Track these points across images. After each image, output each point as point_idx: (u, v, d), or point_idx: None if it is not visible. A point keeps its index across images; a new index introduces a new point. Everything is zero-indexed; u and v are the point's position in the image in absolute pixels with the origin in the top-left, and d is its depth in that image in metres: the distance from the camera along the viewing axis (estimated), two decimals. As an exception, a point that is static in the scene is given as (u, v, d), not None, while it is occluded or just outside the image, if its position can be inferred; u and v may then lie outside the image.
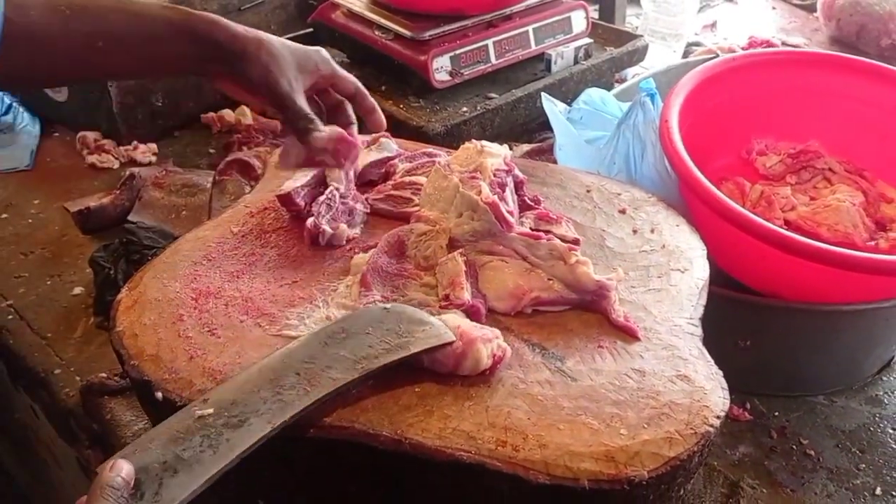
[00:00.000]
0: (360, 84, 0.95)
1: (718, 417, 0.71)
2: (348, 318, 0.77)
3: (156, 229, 1.35)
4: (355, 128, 0.97)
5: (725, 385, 0.74)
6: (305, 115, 0.88)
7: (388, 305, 0.78)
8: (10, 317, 1.27)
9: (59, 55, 0.80)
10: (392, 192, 0.99)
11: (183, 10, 0.84)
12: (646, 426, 0.69)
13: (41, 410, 1.24)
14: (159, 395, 0.72)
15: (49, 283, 1.33)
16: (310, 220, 0.90)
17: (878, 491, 1.00)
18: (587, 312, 0.83)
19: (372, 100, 0.96)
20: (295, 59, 0.88)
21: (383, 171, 1.04)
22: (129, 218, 1.41)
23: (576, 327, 0.81)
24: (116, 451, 1.04)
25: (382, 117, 0.97)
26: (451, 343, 0.73)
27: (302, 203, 0.95)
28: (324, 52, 0.92)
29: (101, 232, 1.42)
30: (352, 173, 1.00)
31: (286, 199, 0.95)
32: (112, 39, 0.80)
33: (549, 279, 0.84)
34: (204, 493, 0.60)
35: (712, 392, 0.73)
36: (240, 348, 0.77)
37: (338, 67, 0.93)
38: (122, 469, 0.59)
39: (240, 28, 0.86)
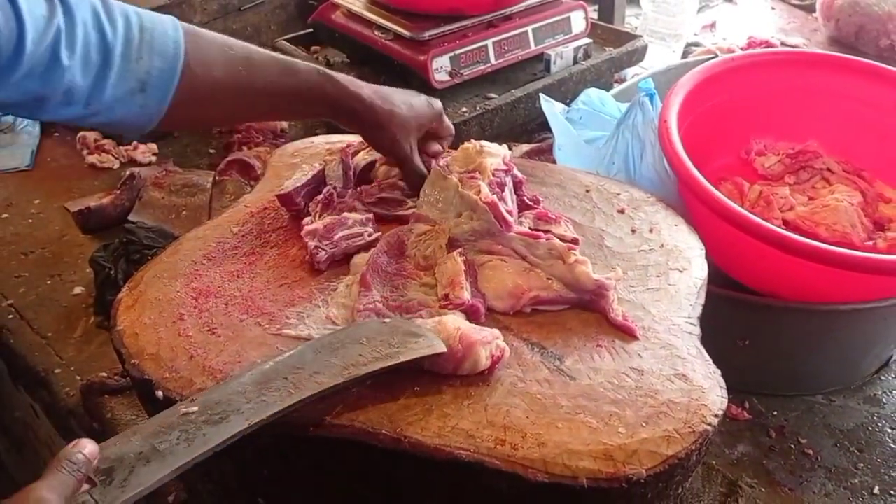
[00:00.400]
0: (452, 130, 1.05)
1: (716, 416, 0.71)
2: (345, 330, 0.77)
3: (156, 229, 1.35)
4: None
5: (723, 384, 0.75)
6: (421, 174, 0.97)
7: (387, 320, 0.78)
8: (10, 316, 1.27)
9: (230, 107, 0.90)
10: (381, 195, 0.99)
11: (322, 75, 0.92)
12: (644, 425, 0.69)
13: (41, 410, 1.24)
14: (160, 393, 0.73)
15: (49, 282, 1.34)
16: (311, 244, 0.90)
17: (877, 490, 1.00)
18: (586, 312, 0.83)
19: (450, 126, 1.05)
20: (416, 123, 0.98)
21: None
22: (130, 218, 1.41)
23: (575, 326, 0.81)
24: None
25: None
26: (440, 354, 0.73)
27: (301, 203, 0.95)
28: (437, 103, 1.01)
29: (102, 232, 1.42)
30: (351, 172, 1.00)
31: (286, 199, 0.96)
32: (273, 97, 0.90)
33: (548, 278, 0.84)
34: (204, 490, 0.61)
35: (710, 391, 0.73)
36: (240, 347, 0.77)
37: (444, 117, 1.03)
38: (84, 447, 0.60)
39: (372, 96, 0.94)
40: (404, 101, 0.97)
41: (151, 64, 0.79)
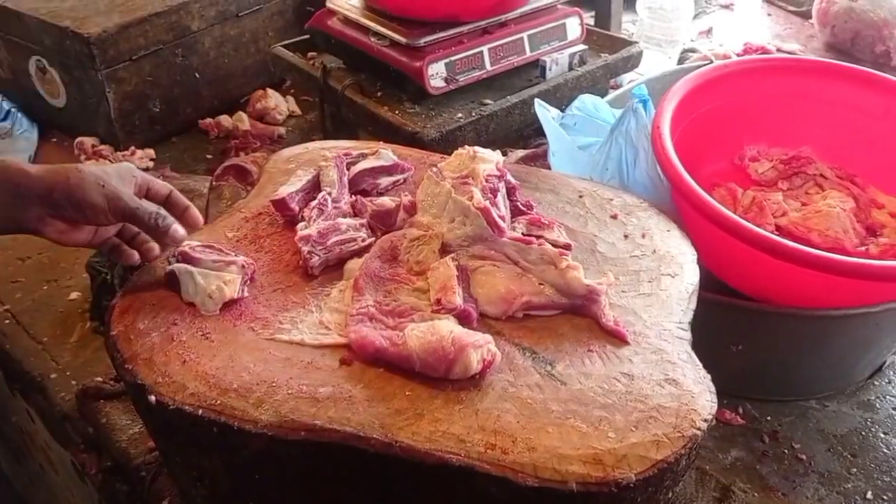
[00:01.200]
0: (172, 188, 0.93)
1: (706, 421, 0.71)
2: None
3: (152, 234, 1.35)
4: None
5: (713, 389, 0.75)
6: (154, 212, 0.86)
7: None
8: (6, 321, 1.28)
9: None
10: (376, 209, 0.97)
11: None
12: (633, 429, 0.70)
13: (37, 414, 1.25)
14: (152, 398, 0.73)
15: (46, 288, 1.34)
16: (305, 249, 0.90)
17: (870, 495, 1.00)
18: (578, 317, 0.84)
19: (184, 199, 0.93)
20: (113, 172, 0.86)
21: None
22: (126, 223, 1.41)
23: (566, 331, 0.82)
24: (112, 456, 1.05)
25: (197, 214, 0.94)
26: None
27: (296, 208, 0.96)
28: (130, 166, 0.90)
29: (99, 237, 1.42)
30: (345, 178, 1.00)
31: (280, 204, 0.96)
32: None
33: (540, 284, 0.84)
34: (198, 495, 0.60)
35: (700, 396, 0.74)
36: (233, 352, 0.78)
37: (146, 175, 0.91)
38: None
39: (34, 167, 0.84)
40: (84, 165, 0.87)
41: None
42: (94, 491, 1.13)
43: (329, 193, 0.97)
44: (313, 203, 0.95)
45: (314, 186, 0.99)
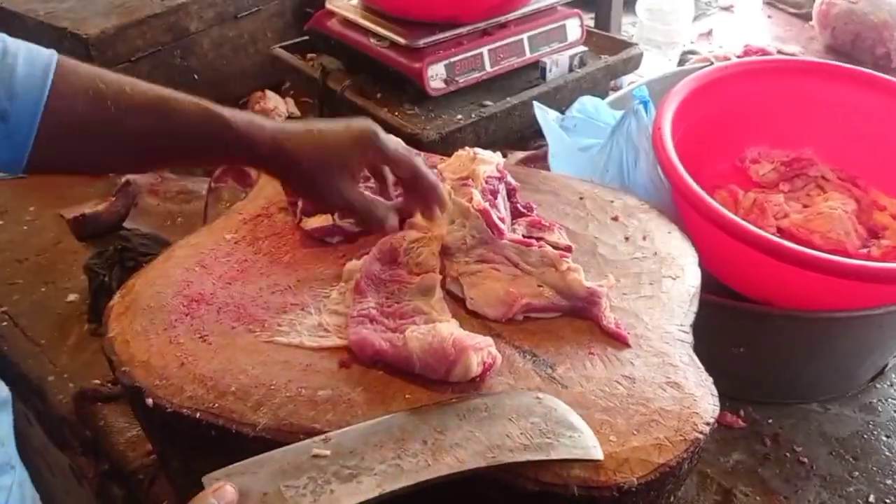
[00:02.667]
0: (419, 165, 0.86)
1: (708, 424, 0.71)
2: (495, 397, 0.72)
3: (151, 236, 1.35)
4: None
5: (715, 392, 0.74)
6: (370, 204, 0.85)
7: (540, 395, 0.72)
8: (4, 323, 1.27)
9: (100, 148, 0.80)
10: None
11: (205, 113, 0.82)
12: (635, 433, 0.69)
13: (34, 417, 1.24)
14: (150, 401, 0.72)
15: (44, 289, 1.33)
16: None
17: (872, 498, 1.00)
18: (578, 319, 0.83)
19: (433, 178, 0.87)
20: (352, 153, 0.83)
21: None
22: (125, 225, 1.41)
23: (567, 334, 0.81)
24: (109, 459, 1.05)
25: (444, 195, 0.88)
26: (596, 461, 0.67)
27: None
28: (373, 127, 0.84)
29: (97, 239, 1.42)
30: None
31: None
32: (149, 139, 0.80)
33: (540, 286, 0.84)
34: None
35: (702, 399, 0.73)
36: (231, 355, 0.77)
37: (390, 149, 0.84)
38: (225, 496, 0.59)
39: (276, 132, 0.83)
40: (327, 131, 0.83)
41: (13, 89, 0.73)
42: (92, 494, 1.13)
43: None
44: None
45: None
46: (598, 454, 0.67)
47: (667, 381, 0.75)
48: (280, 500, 0.60)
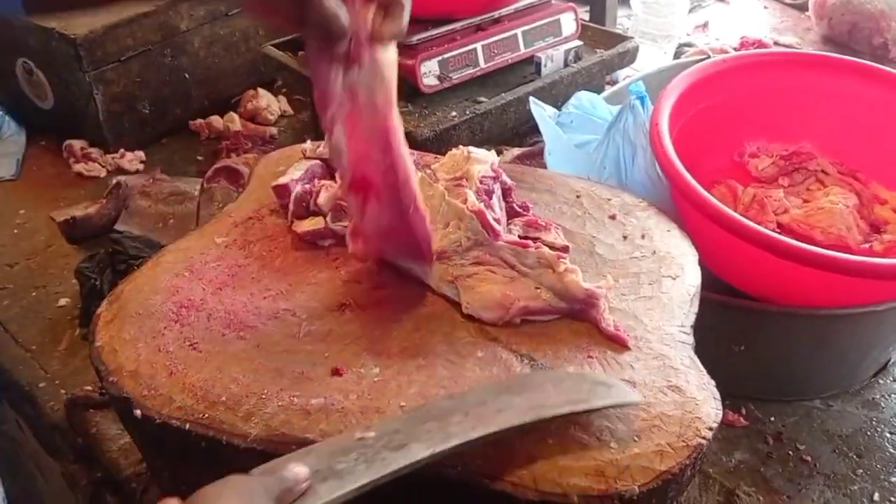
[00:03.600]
0: None
1: (710, 429, 0.69)
2: (527, 375, 0.74)
3: (143, 239, 1.33)
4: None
5: (718, 395, 0.73)
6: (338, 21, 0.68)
7: (571, 369, 0.75)
8: (-6, 329, 1.25)
9: None
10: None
11: None
12: (636, 439, 0.68)
13: (26, 424, 1.22)
14: (138, 412, 0.71)
15: (34, 294, 1.32)
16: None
17: (876, 496, 0.98)
18: (576, 322, 0.81)
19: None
20: None
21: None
22: (116, 227, 1.39)
23: (565, 337, 0.80)
24: (102, 467, 1.03)
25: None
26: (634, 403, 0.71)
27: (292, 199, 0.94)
28: None
29: (88, 241, 1.40)
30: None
31: (282, 190, 0.94)
32: None
33: (537, 287, 0.82)
34: None
35: (704, 403, 0.71)
36: (221, 363, 0.75)
37: None
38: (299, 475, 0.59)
39: None
40: None
41: None
42: (85, 502, 1.11)
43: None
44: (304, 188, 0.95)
45: (314, 175, 0.97)
46: (636, 397, 0.70)
47: (668, 385, 0.73)
48: (333, 472, 0.61)
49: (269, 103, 1.78)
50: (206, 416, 0.70)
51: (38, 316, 1.27)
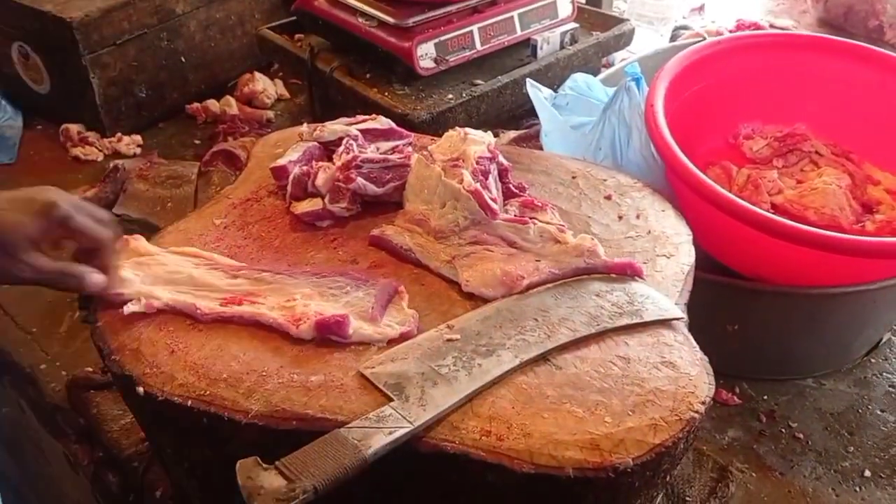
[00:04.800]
0: (105, 238, 0.79)
1: (703, 403, 0.70)
2: (572, 283, 0.82)
3: (141, 222, 1.34)
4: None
5: (711, 371, 0.74)
6: (60, 274, 0.76)
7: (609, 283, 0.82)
8: (-6, 312, 1.26)
9: None
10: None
11: None
12: (630, 413, 0.69)
13: (27, 406, 1.23)
14: (141, 389, 0.72)
15: (34, 277, 1.32)
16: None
17: (867, 473, 1.00)
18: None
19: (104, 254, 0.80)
20: (18, 233, 0.74)
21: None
22: (114, 211, 1.39)
23: (561, 315, 0.81)
24: (104, 447, 1.04)
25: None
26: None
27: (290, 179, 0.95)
28: (52, 198, 0.76)
29: (86, 225, 1.40)
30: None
31: (280, 171, 0.95)
32: None
33: (538, 260, 0.83)
34: (189, 486, 0.60)
35: (697, 378, 0.73)
36: (222, 341, 0.76)
37: (73, 217, 0.76)
38: None
39: None
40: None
41: None
42: (87, 482, 1.12)
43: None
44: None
45: (312, 156, 0.98)
46: (678, 313, 0.79)
47: (662, 361, 0.74)
48: (437, 376, 0.69)
49: (266, 87, 1.78)
50: (208, 392, 0.71)
51: (38, 299, 1.28)
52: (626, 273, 0.84)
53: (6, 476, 1.65)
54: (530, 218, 0.89)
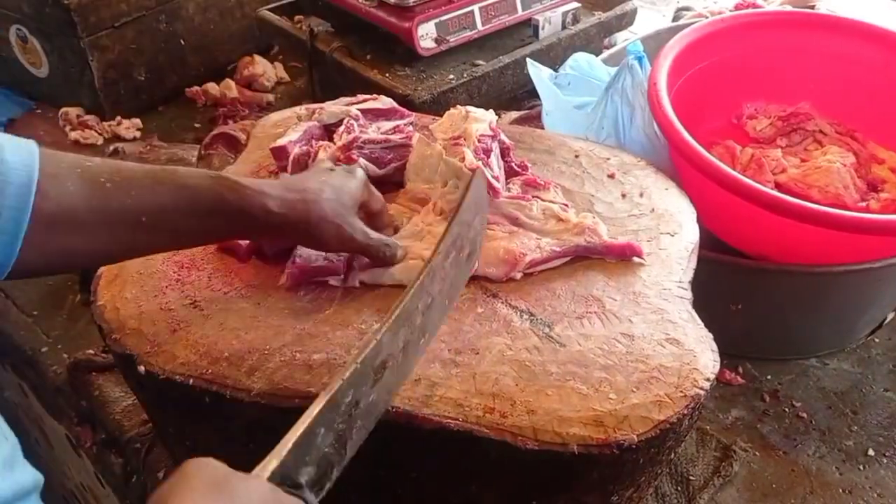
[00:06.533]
0: (384, 203, 0.86)
1: (708, 380, 0.70)
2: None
3: (141, 205, 1.33)
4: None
5: (715, 348, 0.74)
6: (383, 244, 0.81)
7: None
8: (-5, 295, 1.26)
9: (99, 233, 0.68)
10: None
11: (216, 178, 0.72)
12: (635, 390, 0.68)
13: (29, 388, 1.23)
14: (142, 368, 0.71)
15: (34, 260, 1.32)
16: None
17: (871, 452, 1.00)
18: (574, 278, 0.82)
19: (391, 218, 0.88)
20: (350, 202, 0.78)
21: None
22: (114, 194, 1.39)
23: (563, 292, 0.80)
24: (105, 428, 1.04)
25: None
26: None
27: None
28: (359, 171, 0.82)
29: (86, 208, 1.40)
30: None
31: (280, 152, 0.94)
32: (157, 214, 0.69)
33: (539, 238, 0.83)
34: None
35: (702, 354, 0.72)
36: (223, 320, 0.76)
37: (371, 188, 0.83)
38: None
39: (283, 194, 0.74)
40: (322, 184, 0.77)
41: (5, 176, 0.63)
42: (89, 464, 1.12)
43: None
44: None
45: (312, 136, 0.97)
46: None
47: (666, 338, 0.74)
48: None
49: (266, 70, 1.77)
50: (210, 371, 0.70)
51: (38, 282, 1.27)
52: (626, 255, 0.83)
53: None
54: (533, 196, 0.89)
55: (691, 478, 0.95)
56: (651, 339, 0.74)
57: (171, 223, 0.70)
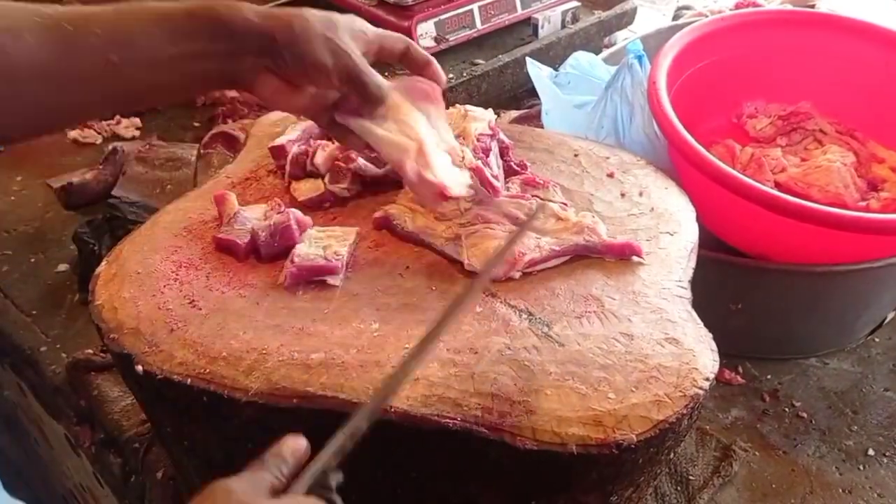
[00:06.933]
0: (408, 39, 0.81)
1: (707, 379, 0.70)
2: None
3: (140, 204, 1.33)
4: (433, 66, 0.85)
5: (715, 347, 0.73)
6: (377, 76, 0.76)
7: None
8: (-6, 295, 1.26)
9: (70, 83, 0.64)
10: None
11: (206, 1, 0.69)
12: (634, 390, 0.68)
13: (28, 388, 1.23)
14: (139, 368, 0.71)
15: (33, 260, 1.32)
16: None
17: (871, 451, 1.00)
18: (573, 277, 0.82)
19: (423, 53, 0.82)
20: (345, 24, 0.74)
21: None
22: (113, 193, 1.39)
23: (563, 292, 0.80)
24: (104, 428, 1.04)
25: (439, 70, 0.84)
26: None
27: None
28: (360, 21, 0.78)
29: (85, 208, 1.40)
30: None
31: (278, 151, 0.94)
32: (127, 49, 0.64)
33: (538, 237, 0.82)
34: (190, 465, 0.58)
35: (701, 354, 0.72)
36: (221, 320, 0.76)
37: (380, 32, 0.79)
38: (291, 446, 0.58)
39: (252, 9, 0.70)
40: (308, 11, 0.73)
41: None
42: (88, 463, 1.12)
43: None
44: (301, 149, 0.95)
45: (310, 135, 0.97)
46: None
47: (665, 338, 0.74)
48: None
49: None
50: (208, 371, 0.70)
51: (37, 281, 1.28)
52: (625, 254, 0.83)
53: (8, 458, 1.66)
54: (532, 195, 0.89)
55: (691, 478, 0.94)
56: (650, 338, 0.74)
57: (144, 57, 0.65)
